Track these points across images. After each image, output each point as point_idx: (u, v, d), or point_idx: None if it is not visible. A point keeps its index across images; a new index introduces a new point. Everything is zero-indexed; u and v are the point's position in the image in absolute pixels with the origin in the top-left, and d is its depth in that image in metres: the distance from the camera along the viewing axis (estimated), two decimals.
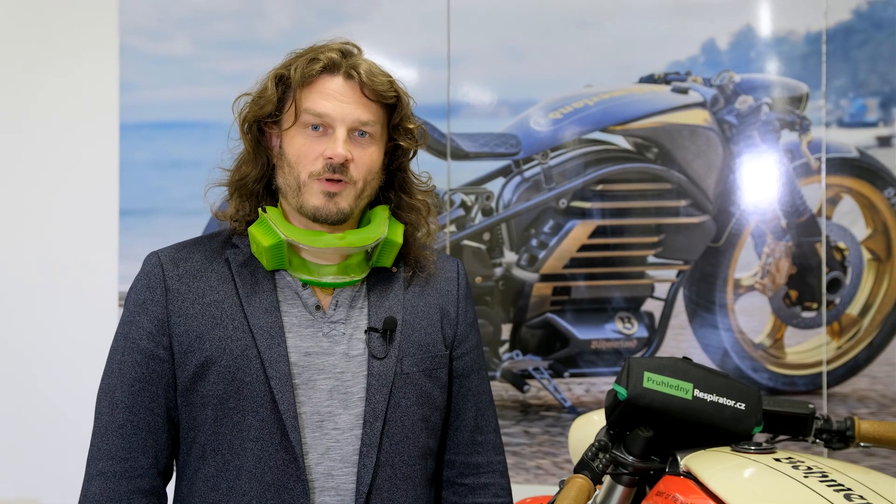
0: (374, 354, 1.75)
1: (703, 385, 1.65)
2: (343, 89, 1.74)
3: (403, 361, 1.77)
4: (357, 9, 3.30)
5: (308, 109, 1.73)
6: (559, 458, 3.14)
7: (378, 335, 1.77)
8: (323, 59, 1.73)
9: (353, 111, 1.73)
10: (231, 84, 3.37)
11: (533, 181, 3.19)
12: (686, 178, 3.13)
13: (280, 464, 1.69)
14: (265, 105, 1.75)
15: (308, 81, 1.74)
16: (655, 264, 3.15)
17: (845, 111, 3.09)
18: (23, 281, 3.41)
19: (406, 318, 1.81)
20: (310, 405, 1.72)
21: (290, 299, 1.78)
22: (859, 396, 3.06)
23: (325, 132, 1.73)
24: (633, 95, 3.17)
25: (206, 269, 1.79)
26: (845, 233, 3.09)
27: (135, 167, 3.38)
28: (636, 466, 1.64)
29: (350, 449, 1.72)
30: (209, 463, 1.72)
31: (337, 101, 1.73)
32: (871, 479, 1.48)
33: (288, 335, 1.74)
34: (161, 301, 1.76)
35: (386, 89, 1.76)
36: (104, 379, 1.76)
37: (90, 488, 1.71)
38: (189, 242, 1.84)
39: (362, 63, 1.76)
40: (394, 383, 1.75)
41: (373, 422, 1.72)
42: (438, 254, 1.95)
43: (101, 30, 3.39)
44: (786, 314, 3.10)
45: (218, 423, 1.71)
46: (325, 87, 1.74)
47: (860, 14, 3.08)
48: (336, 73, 1.74)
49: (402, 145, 1.82)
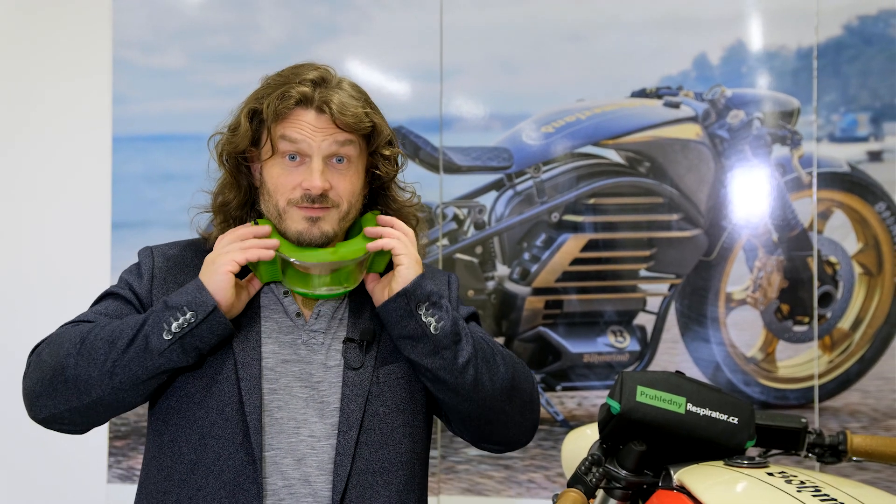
0: (349, 365, 1.77)
1: (696, 399, 1.66)
2: (317, 122, 1.75)
3: (380, 371, 1.79)
4: (350, 22, 3.31)
5: (284, 137, 1.75)
6: (551, 472, 3.14)
7: (354, 346, 1.79)
8: (295, 94, 1.74)
9: (326, 140, 1.75)
10: (224, 97, 3.39)
11: (525, 195, 3.19)
12: (678, 192, 3.14)
13: (238, 464, 1.70)
14: (240, 142, 1.78)
15: (281, 117, 1.75)
16: (647, 278, 3.16)
17: (836, 126, 3.10)
18: (16, 293, 3.40)
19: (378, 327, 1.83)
20: (287, 410, 1.75)
21: (272, 304, 1.81)
22: (851, 410, 3.07)
23: (303, 161, 1.76)
24: (625, 110, 3.18)
25: (193, 264, 1.82)
26: (836, 247, 3.10)
27: (127, 180, 3.37)
28: (629, 480, 1.64)
29: (326, 457, 1.74)
30: (165, 453, 1.75)
31: (311, 132, 1.74)
32: (864, 493, 1.48)
33: (266, 341, 1.77)
34: (147, 286, 1.82)
35: (359, 121, 1.76)
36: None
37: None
38: (182, 242, 1.89)
39: (335, 95, 1.75)
40: (370, 392, 1.77)
41: (347, 431, 1.74)
42: (430, 268, 1.95)
43: (95, 43, 3.39)
44: (777, 328, 3.10)
45: (179, 416, 1.74)
46: (298, 120, 1.75)
47: (851, 29, 3.09)
48: (308, 107, 1.75)
49: (383, 170, 1.84)
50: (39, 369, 1.73)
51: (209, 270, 1.70)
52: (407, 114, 3.24)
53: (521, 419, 1.84)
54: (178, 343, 1.65)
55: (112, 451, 3.33)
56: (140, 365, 1.66)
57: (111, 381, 1.67)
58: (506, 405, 1.79)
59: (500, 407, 1.79)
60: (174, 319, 1.65)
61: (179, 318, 1.65)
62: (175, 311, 1.66)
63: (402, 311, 1.72)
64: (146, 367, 1.67)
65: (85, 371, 1.68)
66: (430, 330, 1.72)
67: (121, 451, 3.32)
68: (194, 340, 1.67)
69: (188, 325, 1.66)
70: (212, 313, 1.67)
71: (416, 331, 1.72)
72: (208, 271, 1.70)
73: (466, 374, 1.73)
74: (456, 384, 1.73)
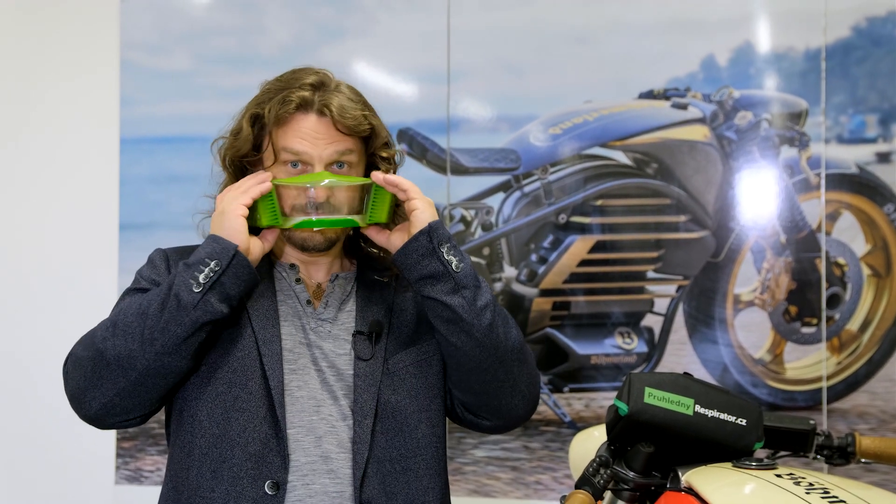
0: (359, 356, 1.80)
1: (705, 401, 1.65)
2: (317, 127, 1.77)
3: (390, 361, 1.82)
4: (357, 25, 3.31)
5: (285, 148, 1.77)
6: (559, 474, 3.14)
7: (363, 338, 1.81)
8: (295, 98, 1.76)
9: (328, 147, 1.77)
10: (231, 99, 3.37)
11: (532, 196, 3.19)
12: (685, 194, 3.13)
13: (263, 436, 1.73)
14: (242, 146, 1.81)
15: (282, 121, 1.78)
16: (655, 279, 3.15)
17: (844, 127, 3.09)
18: (23, 294, 3.41)
19: (393, 320, 1.86)
20: (306, 390, 1.78)
21: (285, 289, 1.84)
22: (859, 412, 3.06)
23: (305, 168, 1.78)
24: (633, 111, 3.18)
25: None
26: (845, 248, 3.09)
27: (134, 181, 3.38)
28: (637, 482, 1.64)
29: (345, 437, 1.76)
30: (186, 429, 1.77)
31: (312, 140, 1.77)
32: (872, 495, 1.48)
33: (283, 322, 1.81)
34: (166, 274, 1.84)
35: (358, 124, 1.78)
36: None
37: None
38: (193, 246, 1.88)
39: (334, 98, 1.78)
40: (382, 382, 1.79)
41: (361, 420, 1.76)
42: None
43: (102, 45, 3.40)
44: (785, 330, 3.10)
45: (200, 391, 1.76)
46: (299, 126, 1.77)
47: (859, 31, 3.09)
48: (309, 110, 1.78)
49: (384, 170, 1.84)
50: (79, 366, 1.72)
51: (219, 221, 1.73)
52: (414, 115, 3.24)
53: (526, 389, 1.83)
54: (210, 293, 1.67)
55: (120, 453, 3.33)
56: (178, 323, 1.66)
57: (153, 348, 1.67)
58: (515, 367, 1.79)
59: (509, 365, 1.78)
60: (199, 273, 1.67)
61: (204, 269, 1.67)
62: (198, 265, 1.68)
63: (424, 249, 1.72)
64: (184, 324, 1.66)
65: (124, 347, 1.67)
66: (451, 268, 1.72)
67: (128, 453, 3.33)
68: (224, 289, 1.68)
69: (214, 274, 1.67)
70: (235, 257, 1.69)
71: (437, 269, 1.72)
72: (218, 222, 1.73)
73: (484, 317, 1.73)
74: (472, 324, 1.73)
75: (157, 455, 3.31)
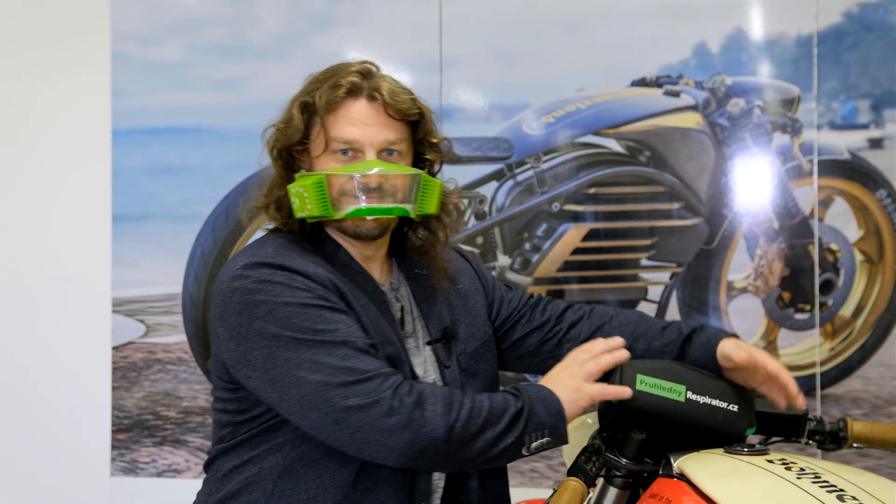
0: (443, 364, 1.82)
1: (696, 387, 1.66)
2: (368, 112, 1.77)
3: (462, 361, 1.85)
4: (349, 14, 3.30)
5: (336, 137, 1.76)
6: (553, 461, 3.14)
7: (440, 345, 1.84)
8: (345, 83, 1.76)
9: (379, 133, 1.77)
10: (223, 89, 3.39)
11: (526, 185, 3.19)
12: (678, 181, 3.14)
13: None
14: (293, 134, 1.79)
15: (333, 108, 1.76)
16: (648, 267, 3.15)
17: (837, 113, 3.10)
18: (17, 287, 3.40)
19: (452, 318, 1.89)
20: None
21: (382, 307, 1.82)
22: (853, 398, 3.07)
23: (356, 156, 1.77)
24: (625, 99, 3.18)
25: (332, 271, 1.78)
26: (837, 234, 3.09)
27: (127, 173, 3.37)
28: (629, 469, 1.64)
29: None
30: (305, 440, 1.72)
31: (363, 126, 1.76)
32: (864, 479, 1.48)
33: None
34: (337, 295, 1.75)
35: (409, 107, 1.79)
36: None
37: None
38: (270, 250, 1.77)
39: (383, 83, 1.79)
40: (462, 383, 1.82)
41: None
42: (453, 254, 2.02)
43: (93, 36, 3.39)
44: (779, 316, 3.10)
45: None
46: (350, 112, 1.77)
47: (851, 17, 3.09)
48: (359, 96, 1.77)
49: (429, 158, 1.87)
50: None
51: (572, 397, 1.67)
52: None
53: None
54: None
55: (115, 445, 3.33)
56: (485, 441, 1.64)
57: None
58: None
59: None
60: (535, 438, 1.63)
61: (538, 440, 1.64)
62: (537, 430, 1.63)
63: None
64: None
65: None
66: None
67: (123, 444, 3.33)
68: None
69: (542, 446, 1.65)
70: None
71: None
72: (571, 397, 1.67)
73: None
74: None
75: (153, 447, 3.32)
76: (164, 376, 3.34)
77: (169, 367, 3.34)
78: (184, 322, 3.32)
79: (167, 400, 3.33)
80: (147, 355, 3.35)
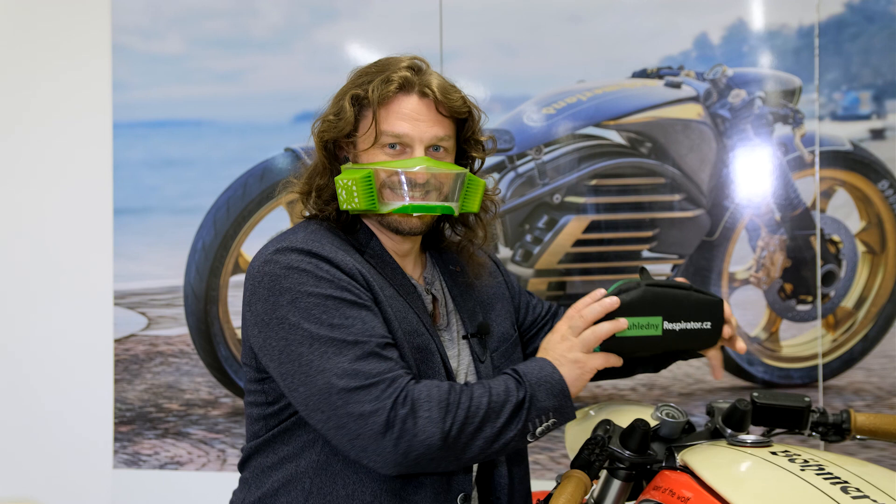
0: (478, 359, 1.86)
1: (671, 314, 1.71)
2: (419, 108, 1.79)
3: (495, 357, 1.89)
4: (349, 6, 3.30)
5: (387, 131, 1.78)
6: (556, 453, 3.14)
7: (475, 340, 1.87)
8: (397, 78, 1.78)
9: (429, 129, 1.80)
10: (223, 82, 3.39)
11: (527, 177, 3.19)
12: (680, 173, 3.13)
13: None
14: (344, 126, 1.81)
15: (385, 102, 1.79)
16: (650, 259, 3.15)
17: (838, 104, 3.09)
18: (18, 280, 3.41)
19: (485, 314, 1.93)
20: None
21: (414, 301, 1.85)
22: (855, 389, 3.07)
23: (404, 150, 1.79)
24: (626, 90, 3.17)
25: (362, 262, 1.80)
26: (839, 226, 3.09)
27: (128, 166, 3.37)
28: (633, 461, 1.64)
29: None
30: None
31: (414, 121, 1.79)
32: (868, 471, 1.48)
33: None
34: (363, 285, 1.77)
35: (460, 105, 1.82)
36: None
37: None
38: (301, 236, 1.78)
39: (434, 80, 1.81)
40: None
41: None
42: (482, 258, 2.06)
43: (94, 29, 3.38)
44: (781, 307, 3.10)
45: None
46: (401, 107, 1.79)
47: (852, 7, 3.08)
48: (411, 91, 1.80)
49: (474, 156, 1.90)
50: None
51: (575, 373, 1.69)
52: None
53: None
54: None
55: (117, 437, 3.34)
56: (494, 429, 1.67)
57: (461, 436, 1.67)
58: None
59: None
60: (539, 423, 1.66)
61: (545, 422, 1.66)
62: (541, 415, 1.65)
63: None
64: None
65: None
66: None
67: (126, 437, 3.33)
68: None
69: (547, 428, 1.67)
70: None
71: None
72: (574, 374, 1.69)
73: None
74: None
75: (155, 439, 3.32)
76: (166, 369, 3.34)
77: (171, 360, 3.34)
78: (185, 314, 3.33)
79: (169, 392, 3.33)
80: (149, 348, 3.35)
